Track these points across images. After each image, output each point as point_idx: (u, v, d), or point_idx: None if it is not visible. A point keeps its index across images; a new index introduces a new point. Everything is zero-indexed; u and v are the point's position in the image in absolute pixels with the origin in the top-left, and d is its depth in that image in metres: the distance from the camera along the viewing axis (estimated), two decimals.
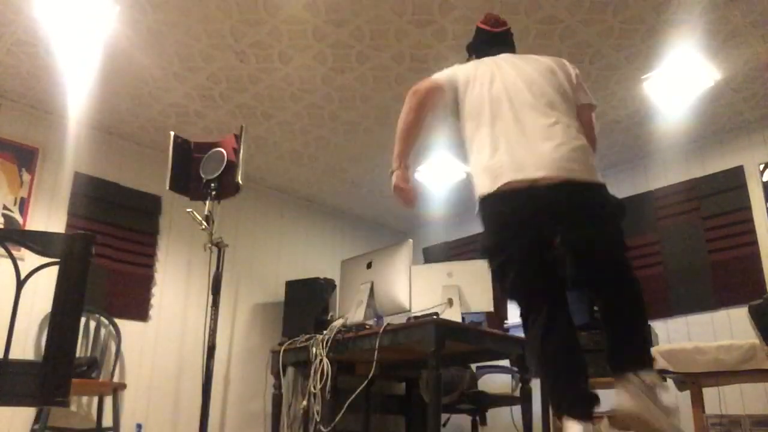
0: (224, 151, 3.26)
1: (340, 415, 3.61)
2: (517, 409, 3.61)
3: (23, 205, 4.01)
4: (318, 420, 3.64)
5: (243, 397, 4.77)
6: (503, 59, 2.25)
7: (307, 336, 4.11)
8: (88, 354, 3.91)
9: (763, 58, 3.57)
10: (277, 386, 4.32)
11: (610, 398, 1.85)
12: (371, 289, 3.80)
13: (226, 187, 3.22)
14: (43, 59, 3.65)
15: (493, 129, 2.03)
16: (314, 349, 3.83)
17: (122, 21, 3.31)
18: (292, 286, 4.86)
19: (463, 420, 4.34)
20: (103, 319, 4.06)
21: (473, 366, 4.26)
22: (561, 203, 1.90)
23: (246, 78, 3.84)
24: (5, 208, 3.93)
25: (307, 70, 3.75)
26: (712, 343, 2.75)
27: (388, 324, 3.50)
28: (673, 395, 1.86)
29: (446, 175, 5.01)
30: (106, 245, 4.26)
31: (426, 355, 3.04)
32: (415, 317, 3.35)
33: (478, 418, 4.18)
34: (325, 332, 3.85)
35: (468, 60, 2.42)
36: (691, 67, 3.67)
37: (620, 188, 4.90)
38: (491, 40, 2.42)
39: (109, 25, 3.32)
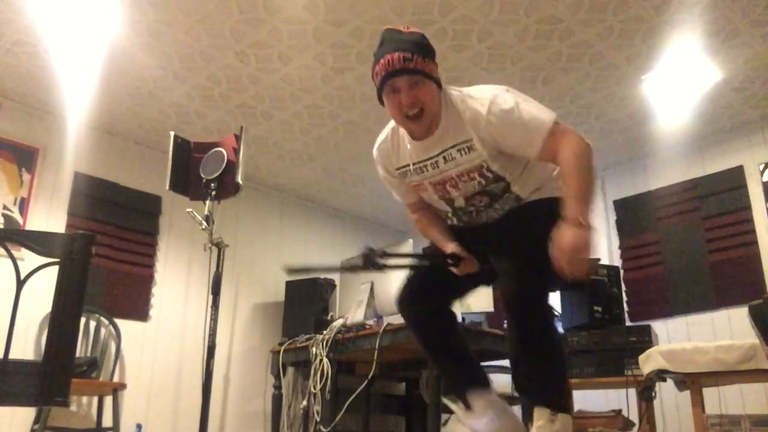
0: (224, 151, 3.25)
1: (340, 415, 3.61)
2: (517, 409, 3.60)
3: (23, 205, 4.01)
4: (318, 420, 3.64)
5: (243, 397, 4.77)
6: None
7: (307, 336, 4.12)
8: (88, 354, 3.90)
9: None
10: (277, 386, 4.32)
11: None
12: (371, 289, 3.80)
13: (226, 187, 3.21)
14: (43, 59, 3.65)
15: None
16: (314, 349, 3.84)
17: (122, 21, 3.31)
18: (292, 286, 4.86)
19: None
20: (103, 319, 4.06)
21: None
22: None
23: (246, 78, 3.84)
24: (5, 208, 3.93)
25: (307, 70, 3.75)
26: (712, 343, 2.74)
27: (388, 324, 3.50)
28: None
29: None
30: (106, 245, 4.25)
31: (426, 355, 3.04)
32: None
33: None
34: (325, 332, 3.86)
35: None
36: (691, 67, 3.67)
37: (620, 188, 4.91)
38: None
39: (109, 25, 3.32)
